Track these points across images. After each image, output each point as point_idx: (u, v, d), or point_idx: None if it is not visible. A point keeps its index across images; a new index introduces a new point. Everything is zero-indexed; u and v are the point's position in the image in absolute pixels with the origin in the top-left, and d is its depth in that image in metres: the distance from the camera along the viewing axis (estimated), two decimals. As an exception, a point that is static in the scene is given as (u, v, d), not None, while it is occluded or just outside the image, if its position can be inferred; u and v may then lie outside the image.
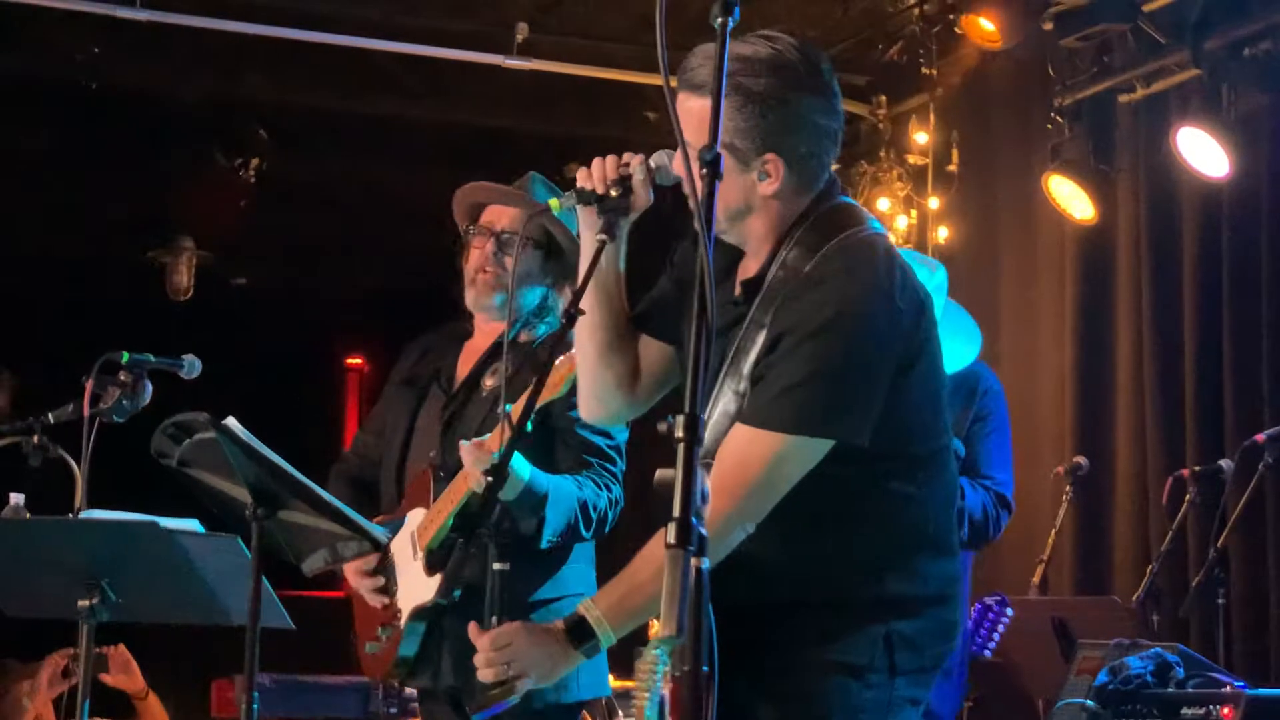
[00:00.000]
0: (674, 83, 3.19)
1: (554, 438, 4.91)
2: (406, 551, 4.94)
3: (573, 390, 4.22)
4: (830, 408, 3.35)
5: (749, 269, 3.57)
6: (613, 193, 3.55)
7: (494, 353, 5.11)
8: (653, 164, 3.59)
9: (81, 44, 8.21)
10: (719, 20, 2.84)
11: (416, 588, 4.91)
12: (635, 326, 3.79)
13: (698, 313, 2.70)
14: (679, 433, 2.64)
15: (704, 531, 2.61)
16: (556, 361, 4.40)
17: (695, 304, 2.71)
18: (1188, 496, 6.53)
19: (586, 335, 3.73)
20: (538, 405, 4.17)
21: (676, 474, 2.62)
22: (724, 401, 3.46)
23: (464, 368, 5.21)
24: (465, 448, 4.46)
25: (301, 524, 4.25)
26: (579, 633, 3.42)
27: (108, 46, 8.24)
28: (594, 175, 3.58)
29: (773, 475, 3.36)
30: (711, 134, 2.78)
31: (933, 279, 5.58)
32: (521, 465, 4.61)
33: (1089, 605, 6.95)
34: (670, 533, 2.60)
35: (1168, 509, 6.66)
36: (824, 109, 3.51)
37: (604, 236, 3.55)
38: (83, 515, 4.92)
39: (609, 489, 4.88)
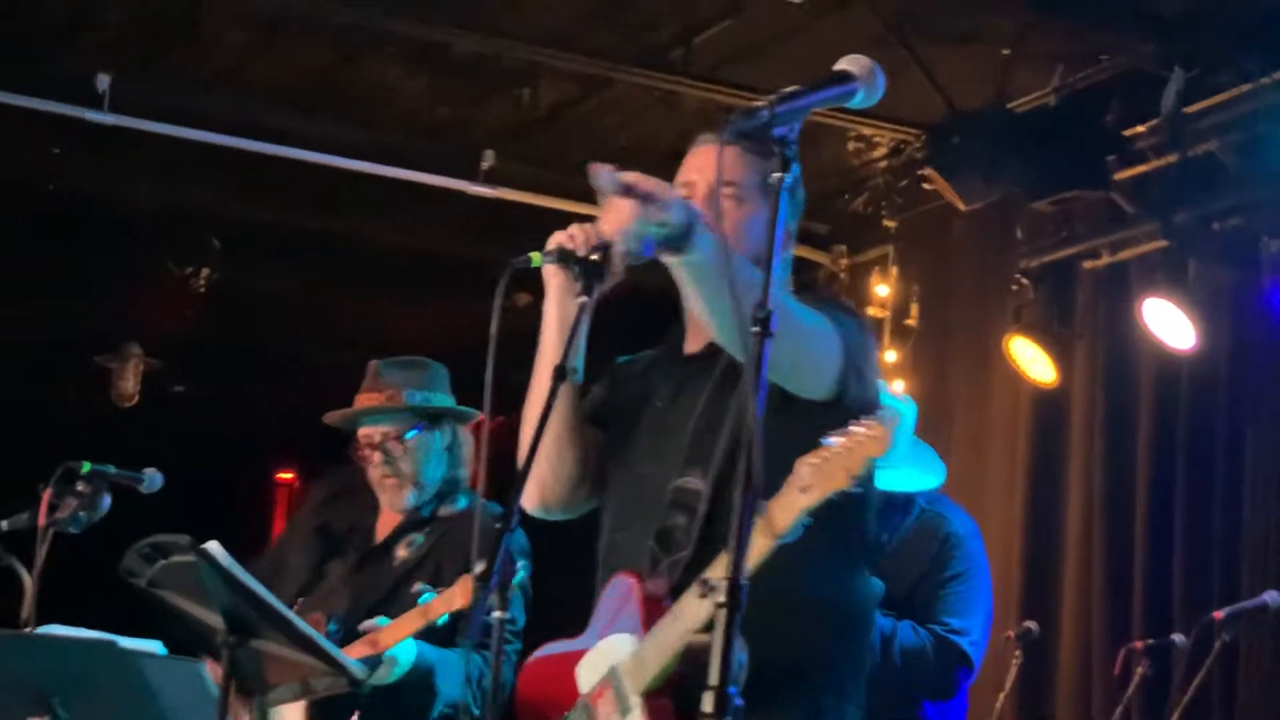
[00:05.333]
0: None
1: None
2: None
3: None
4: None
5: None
6: (593, 257, 3.40)
7: (411, 522, 5.24)
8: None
9: (41, 145, 8.11)
10: (775, 177, 2.83)
11: None
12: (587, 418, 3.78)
13: (743, 483, 2.62)
14: (720, 598, 2.55)
15: (739, 702, 2.54)
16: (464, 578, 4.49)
17: (740, 476, 2.64)
18: (1139, 670, 6.46)
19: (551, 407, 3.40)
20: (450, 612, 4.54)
21: (715, 640, 2.54)
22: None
23: (382, 529, 5.30)
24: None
25: (275, 654, 4.14)
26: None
27: (68, 148, 8.14)
28: (575, 237, 3.43)
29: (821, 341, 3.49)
30: (764, 295, 2.72)
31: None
32: (406, 651, 4.72)
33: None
34: (707, 702, 2.52)
35: (1118, 681, 6.58)
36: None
37: (585, 298, 3.38)
38: (38, 631, 4.77)
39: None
